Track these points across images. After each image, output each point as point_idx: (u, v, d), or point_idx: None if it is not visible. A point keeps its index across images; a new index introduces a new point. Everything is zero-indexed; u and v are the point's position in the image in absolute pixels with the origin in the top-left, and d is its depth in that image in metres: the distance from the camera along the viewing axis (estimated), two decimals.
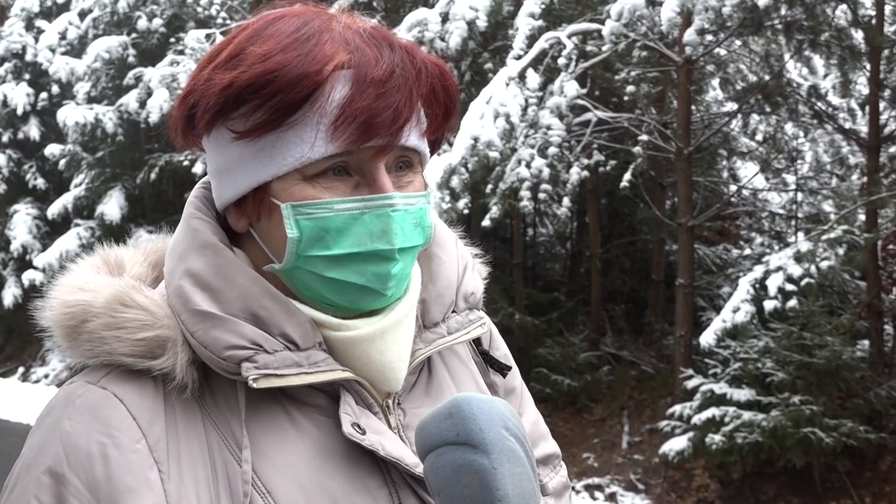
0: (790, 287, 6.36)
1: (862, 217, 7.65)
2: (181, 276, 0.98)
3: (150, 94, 10.35)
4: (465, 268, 1.15)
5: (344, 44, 0.96)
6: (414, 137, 0.99)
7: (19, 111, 13.23)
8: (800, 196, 9.92)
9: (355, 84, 0.94)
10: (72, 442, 0.91)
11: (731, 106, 9.89)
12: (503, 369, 1.21)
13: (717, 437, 6.33)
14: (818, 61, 9.27)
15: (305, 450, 0.97)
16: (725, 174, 10.88)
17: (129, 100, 10.97)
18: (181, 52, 10.34)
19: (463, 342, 1.13)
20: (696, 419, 6.58)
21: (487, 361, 1.21)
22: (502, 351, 1.26)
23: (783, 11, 7.74)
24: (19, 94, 13.23)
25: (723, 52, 8.92)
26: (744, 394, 6.54)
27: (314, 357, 0.98)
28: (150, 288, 1.02)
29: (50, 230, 13.12)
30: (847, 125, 9.25)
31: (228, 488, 0.93)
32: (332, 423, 0.99)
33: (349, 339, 1.01)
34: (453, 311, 1.11)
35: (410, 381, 1.08)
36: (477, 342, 1.22)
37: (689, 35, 6.91)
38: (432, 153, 1.07)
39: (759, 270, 6.67)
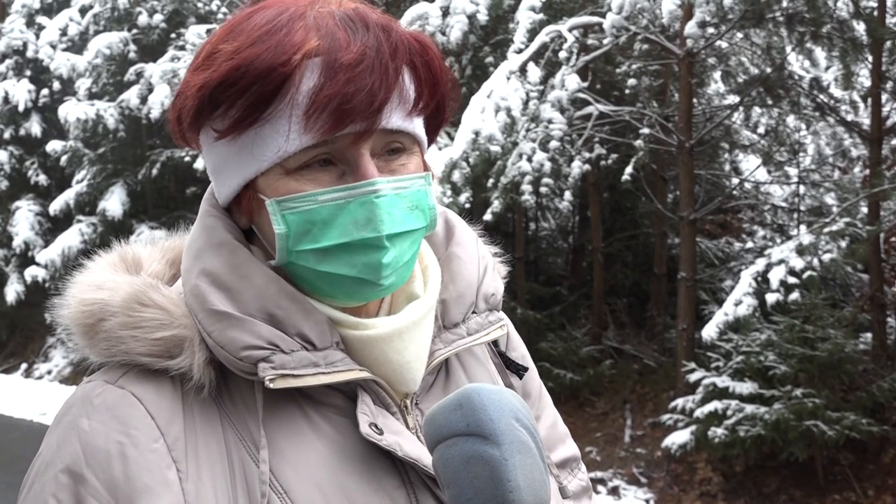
0: (792, 280, 6.36)
1: (864, 210, 7.64)
2: (198, 275, 0.98)
3: (151, 90, 10.36)
4: (486, 268, 1.13)
5: (315, 30, 0.93)
6: (397, 119, 0.95)
7: (20, 108, 13.19)
8: (802, 189, 9.89)
9: (325, 71, 0.91)
10: (90, 441, 0.91)
11: (733, 99, 9.86)
12: (520, 370, 1.19)
13: (720, 431, 6.33)
14: (820, 53, 9.23)
15: (323, 450, 0.96)
16: (727, 167, 10.85)
17: (131, 96, 10.97)
18: (182, 48, 10.35)
19: (482, 344, 1.11)
20: (698, 412, 6.58)
21: (504, 362, 1.19)
22: (520, 352, 1.24)
23: (784, 3, 7.72)
24: (20, 91, 13.20)
25: (724, 44, 8.89)
26: (746, 387, 6.54)
27: (331, 357, 0.97)
28: (168, 286, 1.02)
29: (52, 226, 13.10)
30: (849, 117, 9.22)
31: (246, 488, 0.93)
32: (350, 423, 0.98)
33: (367, 339, 1.00)
34: (473, 312, 1.09)
35: (428, 381, 1.07)
36: (494, 343, 1.20)
37: (691, 28, 6.89)
38: (432, 133, 1.04)
39: (761, 263, 6.66)
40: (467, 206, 7.06)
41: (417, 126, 1.00)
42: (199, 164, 9.70)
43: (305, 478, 0.94)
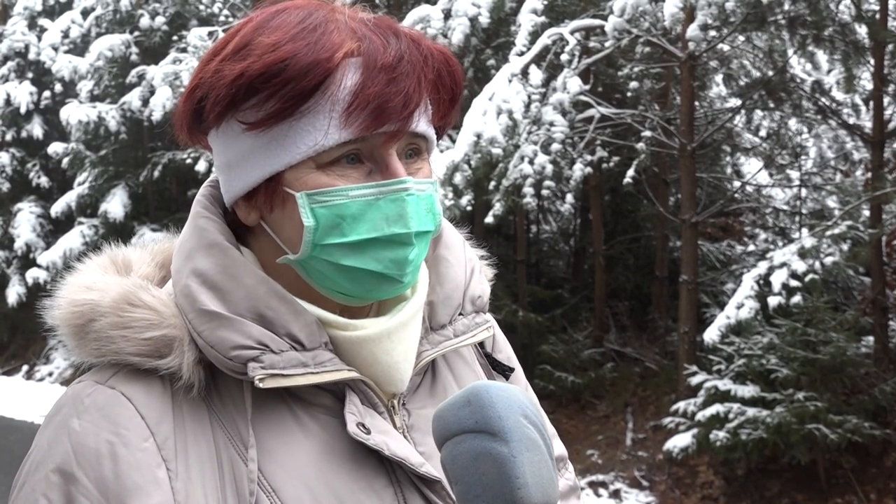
0: (794, 283, 6.34)
1: (866, 213, 7.63)
2: (188, 275, 0.99)
3: (152, 93, 10.37)
4: (473, 270, 1.15)
5: (351, 32, 0.97)
6: (423, 123, 1.00)
7: (22, 110, 13.21)
8: (804, 192, 9.89)
9: (366, 70, 0.95)
10: (81, 441, 0.92)
11: (735, 102, 9.86)
12: (506, 371, 1.21)
13: (722, 434, 6.32)
14: (822, 56, 9.24)
15: (311, 449, 0.97)
16: (729, 170, 10.85)
17: (132, 98, 10.99)
18: (184, 50, 10.35)
19: (468, 345, 1.13)
20: (700, 416, 6.57)
21: (491, 363, 1.21)
22: (506, 353, 1.26)
23: (786, 6, 7.73)
24: (22, 93, 13.21)
25: (726, 47, 8.89)
26: (748, 390, 6.53)
27: (320, 357, 0.98)
28: (158, 287, 1.03)
29: (53, 228, 13.12)
30: (851, 120, 9.21)
31: (235, 487, 0.94)
32: (338, 422, 0.99)
33: (356, 339, 1.01)
34: (460, 314, 1.12)
35: (415, 382, 1.09)
36: (481, 344, 1.22)
37: (692, 30, 6.89)
38: (437, 140, 1.08)
39: (762, 266, 6.65)
40: (469, 208, 7.06)
41: (433, 131, 1.04)
42: (200, 167, 9.70)
43: (294, 476, 0.95)
